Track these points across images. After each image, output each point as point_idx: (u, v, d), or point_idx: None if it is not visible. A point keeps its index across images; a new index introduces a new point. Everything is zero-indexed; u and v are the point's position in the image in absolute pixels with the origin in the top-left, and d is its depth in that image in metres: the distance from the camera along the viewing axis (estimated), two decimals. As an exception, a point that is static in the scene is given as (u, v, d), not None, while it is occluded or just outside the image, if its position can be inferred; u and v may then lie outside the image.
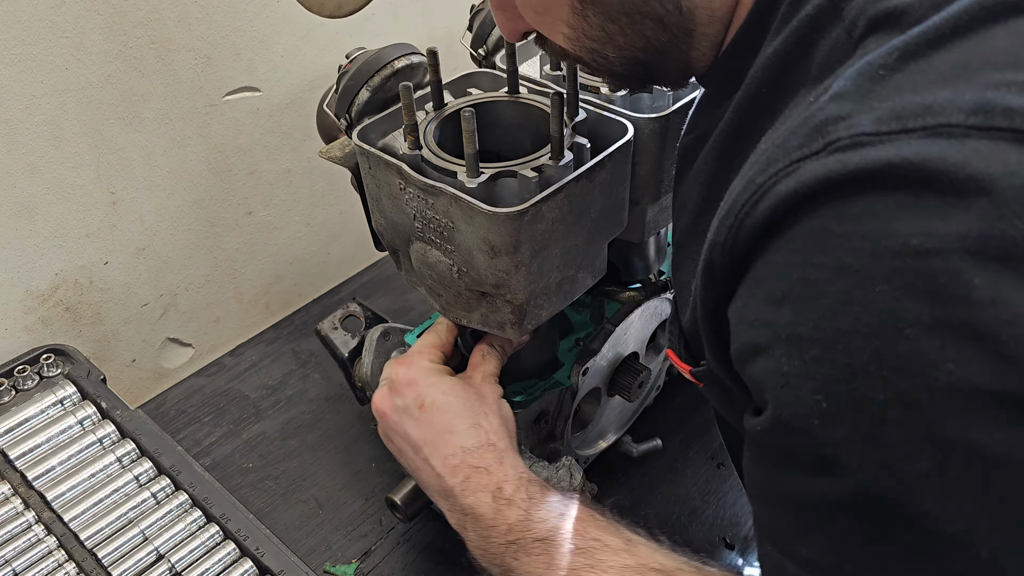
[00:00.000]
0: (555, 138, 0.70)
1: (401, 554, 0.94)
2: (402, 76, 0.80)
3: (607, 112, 0.77)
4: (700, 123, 0.66)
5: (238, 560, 0.81)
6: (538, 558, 0.66)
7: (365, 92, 0.79)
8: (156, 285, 1.10)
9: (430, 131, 0.75)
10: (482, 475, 0.72)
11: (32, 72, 0.88)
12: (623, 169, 0.76)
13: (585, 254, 0.77)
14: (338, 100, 0.81)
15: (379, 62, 0.79)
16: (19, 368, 0.95)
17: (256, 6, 1.03)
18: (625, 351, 0.93)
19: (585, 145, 0.73)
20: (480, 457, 0.73)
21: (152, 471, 0.87)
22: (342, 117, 0.81)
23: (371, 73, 0.79)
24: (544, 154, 0.71)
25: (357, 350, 0.96)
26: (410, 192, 0.73)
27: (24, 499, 0.84)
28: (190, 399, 1.12)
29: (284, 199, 1.19)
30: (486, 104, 0.79)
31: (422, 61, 0.81)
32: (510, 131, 0.80)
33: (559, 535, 0.66)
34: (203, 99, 1.04)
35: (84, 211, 0.99)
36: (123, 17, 0.92)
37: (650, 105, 0.80)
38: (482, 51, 0.90)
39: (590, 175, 0.71)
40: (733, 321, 0.49)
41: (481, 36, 0.90)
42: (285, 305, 1.27)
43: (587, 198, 0.72)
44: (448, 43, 1.28)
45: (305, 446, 1.06)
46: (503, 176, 0.70)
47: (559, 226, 0.71)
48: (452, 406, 0.75)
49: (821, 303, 0.41)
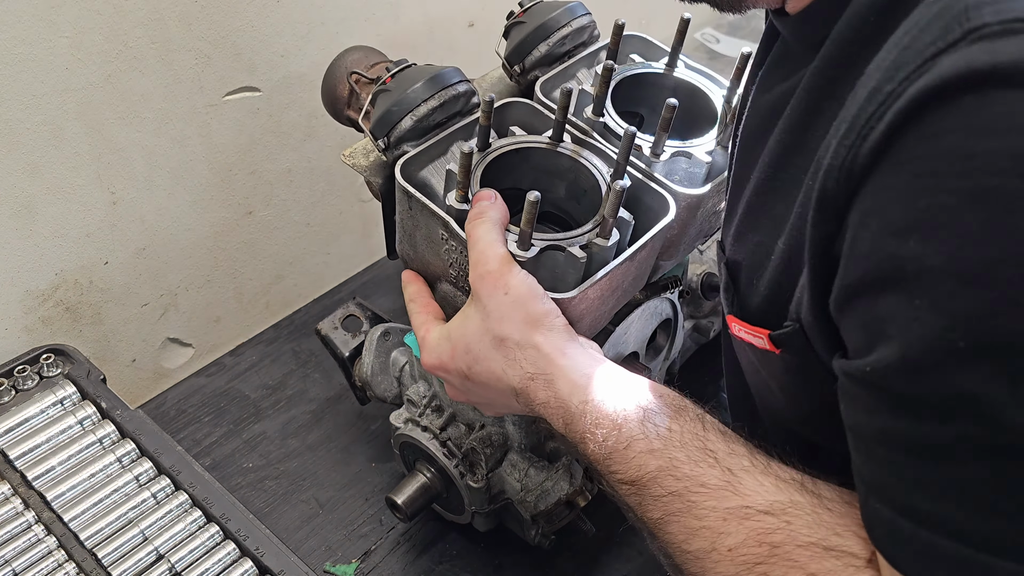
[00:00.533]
0: (608, 220, 0.69)
1: (401, 554, 0.94)
2: (447, 106, 0.79)
3: (650, 181, 0.76)
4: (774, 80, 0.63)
5: (238, 560, 0.81)
6: (631, 497, 0.61)
7: (409, 120, 0.78)
8: (156, 285, 1.10)
9: (475, 180, 0.73)
10: (547, 409, 0.66)
11: (32, 72, 0.88)
12: (659, 244, 0.77)
13: (610, 315, 0.78)
14: (378, 121, 0.79)
15: (426, 93, 0.78)
16: (19, 368, 0.95)
17: (256, 6, 1.03)
18: (625, 351, 0.93)
19: (630, 222, 0.72)
20: (534, 393, 0.66)
21: (152, 471, 0.87)
22: (380, 138, 0.79)
23: (417, 103, 0.78)
24: (592, 231, 0.71)
25: (357, 350, 0.96)
26: (451, 244, 0.73)
27: (24, 499, 0.84)
28: (190, 399, 1.12)
29: (284, 199, 1.19)
30: (528, 150, 0.77)
31: (468, 89, 0.81)
32: (547, 175, 0.80)
33: (647, 478, 0.59)
34: (203, 99, 1.04)
35: (84, 211, 0.99)
36: (123, 17, 0.92)
37: (686, 171, 0.80)
38: (517, 68, 0.88)
39: (633, 256, 0.72)
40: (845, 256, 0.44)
41: (520, 52, 0.88)
42: (285, 305, 1.27)
43: (625, 275, 0.74)
44: (447, 28, 1.28)
45: (305, 446, 1.06)
46: (551, 249, 0.70)
47: (596, 302, 0.72)
48: (483, 361, 0.69)
49: (957, 231, 0.36)
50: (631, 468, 0.60)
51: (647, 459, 0.59)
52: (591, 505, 0.86)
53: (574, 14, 0.88)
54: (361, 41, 1.17)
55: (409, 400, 0.90)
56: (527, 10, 0.88)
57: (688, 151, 0.80)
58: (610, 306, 0.77)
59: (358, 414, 1.08)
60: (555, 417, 0.65)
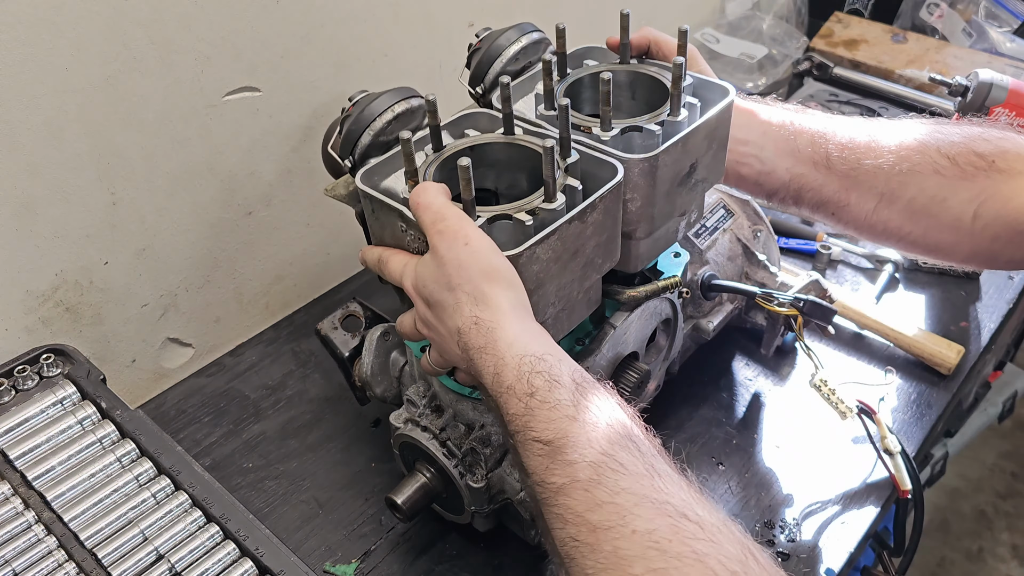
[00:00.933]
0: (548, 182, 0.73)
1: (401, 554, 0.94)
2: (403, 119, 0.85)
3: (598, 153, 0.80)
4: None
5: (238, 560, 0.81)
6: (538, 459, 0.61)
7: (367, 136, 0.83)
8: (156, 285, 1.10)
9: (430, 174, 0.78)
10: (481, 355, 0.68)
11: (32, 72, 0.88)
12: (614, 208, 0.79)
13: (580, 288, 0.80)
14: (342, 142, 0.85)
15: (380, 107, 0.84)
16: (19, 368, 0.95)
17: (256, 6, 1.03)
18: (625, 351, 0.93)
19: (577, 187, 0.76)
20: (473, 335, 0.68)
21: (152, 471, 0.88)
22: (346, 158, 0.85)
23: (372, 118, 0.83)
24: (538, 197, 0.75)
25: (357, 350, 0.96)
26: (411, 234, 0.77)
27: (24, 499, 0.84)
28: (190, 399, 1.12)
29: (284, 199, 1.19)
30: (483, 146, 0.82)
31: (422, 104, 0.85)
32: (507, 170, 0.84)
33: (564, 441, 0.60)
34: (203, 99, 1.04)
35: (84, 211, 0.99)
36: (123, 17, 0.93)
37: (641, 144, 0.83)
38: (479, 89, 0.94)
39: (582, 216, 0.75)
40: None
41: (478, 75, 0.94)
42: (285, 305, 1.27)
43: (580, 238, 0.76)
44: (447, 28, 1.28)
45: (305, 446, 1.06)
46: (499, 219, 0.74)
47: (553, 266, 0.75)
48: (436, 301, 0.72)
49: None
50: (551, 428, 0.61)
51: (570, 424, 0.60)
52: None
53: (523, 31, 0.94)
54: (361, 41, 1.17)
55: (409, 400, 0.90)
56: (483, 38, 0.95)
57: (639, 125, 0.82)
58: (576, 276, 0.77)
59: (358, 414, 1.08)
60: (487, 365, 0.66)
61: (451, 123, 0.87)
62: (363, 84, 1.19)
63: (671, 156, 0.81)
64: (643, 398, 1.02)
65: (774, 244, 1.13)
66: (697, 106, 0.86)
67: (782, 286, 1.04)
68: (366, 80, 1.20)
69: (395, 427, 0.89)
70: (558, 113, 0.77)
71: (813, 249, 1.28)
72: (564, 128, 0.77)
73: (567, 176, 0.77)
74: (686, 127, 0.83)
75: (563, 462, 0.60)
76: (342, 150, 0.85)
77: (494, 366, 0.66)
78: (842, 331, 1.17)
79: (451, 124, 0.87)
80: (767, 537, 0.95)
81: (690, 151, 0.84)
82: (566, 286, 0.77)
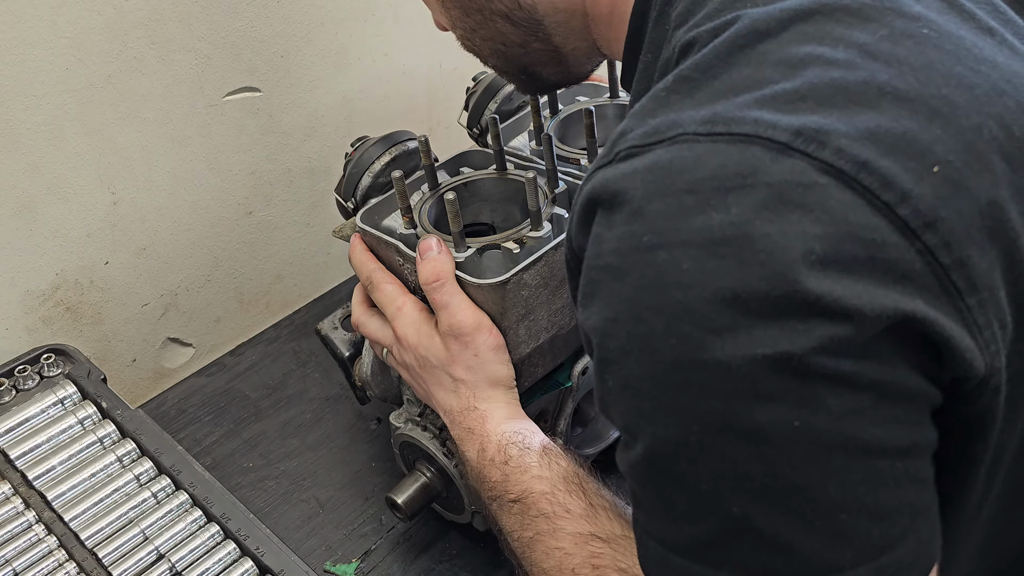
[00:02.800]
0: (533, 212, 0.76)
1: (401, 554, 0.94)
2: (400, 161, 0.89)
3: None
4: None
5: (238, 560, 0.81)
6: (513, 517, 0.70)
7: (367, 178, 0.88)
8: (156, 285, 1.11)
9: (425, 211, 0.83)
10: (469, 435, 0.75)
11: (32, 72, 0.88)
12: None
13: (573, 314, 0.82)
14: (344, 185, 0.90)
15: (377, 151, 0.89)
16: (19, 368, 0.95)
17: (256, 6, 1.03)
18: (625, 351, 0.93)
19: (563, 215, 0.79)
20: (465, 418, 0.76)
21: (152, 471, 0.88)
22: (349, 200, 0.90)
23: (371, 161, 0.88)
24: (525, 227, 0.78)
25: (357, 350, 0.96)
26: (408, 268, 0.80)
27: (24, 499, 0.84)
28: (190, 399, 1.12)
29: (284, 199, 1.19)
30: (476, 181, 0.87)
31: (416, 146, 0.89)
32: (501, 204, 0.88)
33: (530, 497, 0.69)
34: (203, 99, 1.04)
35: (84, 211, 0.99)
36: (123, 17, 0.93)
37: None
38: (476, 130, 0.98)
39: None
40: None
41: (475, 116, 0.98)
42: (285, 305, 1.27)
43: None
44: (447, 33, 1.28)
45: (305, 446, 1.06)
46: (489, 249, 0.77)
47: (543, 291, 0.77)
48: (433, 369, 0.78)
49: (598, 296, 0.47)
50: (521, 488, 0.70)
51: (536, 482, 0.69)
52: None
53: None
54: (361, 41, 1.17)
55: (409, 400, 0.90)
56: (479, 82, 0.99)
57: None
58: (566, 302, 0.80)
59: (358, 414, 1.08)
60: (473, 443, 0.75)
61: (448, 162, 0.90)
62: (363, 84, 1.20)
63: None
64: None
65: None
66: None
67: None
68: (366, 80, 1.20)
69: (395, 427, 0.89)
70: (543, 144, 0.81)
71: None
72: (550, 160, 0.81)
73: (554, 206, 0.80)
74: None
75: (530, 516, 0.68)
76: (345, 192, 0.90)
77: (480, 443, 0.74)
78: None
79: (448, 163, 0.90)
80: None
81: None
82: (558, 312, 0.79)
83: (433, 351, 0.77)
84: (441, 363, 0.77)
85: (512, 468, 0.71)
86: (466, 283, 0.74)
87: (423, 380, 0.80)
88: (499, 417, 0.75)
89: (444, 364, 0.77)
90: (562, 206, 0.81)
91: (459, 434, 0.77)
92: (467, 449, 0.76)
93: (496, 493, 0.72)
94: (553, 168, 0.82)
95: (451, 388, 0.77)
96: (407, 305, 0.80)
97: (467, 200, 0.86)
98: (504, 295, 0.74)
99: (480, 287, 0.74)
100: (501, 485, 0.71)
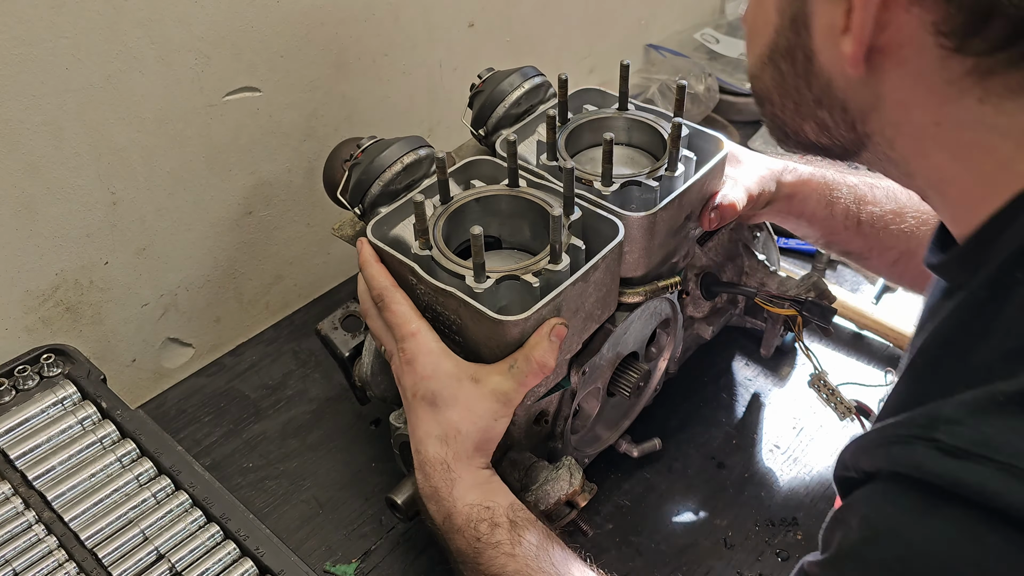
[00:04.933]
0: (554, 246, 0.77)
1: (401, 554, 0.94)
2: (411, 170, 0.88)
3: (599, 209, 0.83)
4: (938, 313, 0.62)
5: (238, 560, 0.81)
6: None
7: (377, 186, 0.87)
8: (156, 285, 1.11)
9: (439, 228, 0.82)
10: (435, 496, 0.77)
11: (32, 72, 0.88)
12: (615, 265, 0.82)
13: (579, 341, 0.84)
14: (351, 191, 0.88)
15: (390, 158, 0.87)
16: (19, 368, 0.95)
17: (256, 6, 1.03)
18: (625, 351, 0.93)
19: (580, 247, 0.79)
20: (434, 473, 0.77)
21: (152, 471, 0.88)
22: (356, 206, 0.88)
23: (383, 169, 0.86)
24: (544, 258, 0.78)
25: (357, 350, 0.96)
26: (421, 288, 0.80)
27: (24, 499, 0.84)
28: (190, 399, 1.12)
29: (284, 199, 1.19)
30: (488, 197, 0.86)
31: (430, 153, 0.89)
32: (511, 219, 0.87)
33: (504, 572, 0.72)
34: (203, 99, 1.04)
35: (84, 211, 0.99)
36: (123, 17, 0.93)
37: (639, 198, 0.86)
38: (482, 131, 0.97)
39: (585, 277, 0.78)
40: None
41: (481, 118, 0.97)
42: (285, 305, 1.27)
43: (582, 296, 0.79)
44: (447, 28, 1.28)
45: (305, 446, 1.06)
46: (507, 279, 0.77)
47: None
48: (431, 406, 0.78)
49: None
50: (495, 565, 0.72)
51: (507, 560, 0.72)
52: (591, 505, 0.86)
53: (526, 76, 0.97)
54: (361, 41, 1.17)
55: (409, 400, 0.90)
56: (485, 80, 0.97)
57: (637, 179, 0.86)
58: (576, 330, 0.81)
59: (358, 414, 1.09)
60: (440, 507, 0.76)
61: (456, 171, 0.89)
62: (363, 84, 1.20)
63: (669, 212, 0.85)
64: (643, 398, 1.02)
65: (773, 244, 1.13)
66: (693, 160, 0.89)
67: (781, 286, 1.04)
68: (366, 80, 1.20)
69: (395, 427, 0.89)
70: (564, 176, 0.80)
71: (813, 249, 1.28)
72: (569, 188, 0.80)
73: (571, 236, 0.80)
74: (683, 183, 0.86)
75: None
76: (351, 198, 0.88)
77: (447, 510, 0.76)
78: (842, 331, 1.18)
79: (456, 172, 0.89)
80: (765, 537, 0.95)
81: (685, 205, 0.87)
82: (566, 340, 0.79)
83: (446, 392, 0.77)
84: (446, 404, 0.77)
85: (483, 545, 0.73)
86: (486, 317, 0.74)
87: (414, 408, 0.79)
88: (468, 483, 0.76)
89: (448, 405, 0.77)
90: (576, 235, 0.81)
91: (425, 490, 0.78)
92: (432, 511, 0.77)
93: (464, 560, 0.75)
94: (571, 196, 0.81)
95: (438, 434, 0.77)
96: (422, 331, 0.79)
97: (477, 213, 0.86)
98: (524, 331, 0.75)
99: (501, 323, 0.74)
100: (472, 558, 0.74)
